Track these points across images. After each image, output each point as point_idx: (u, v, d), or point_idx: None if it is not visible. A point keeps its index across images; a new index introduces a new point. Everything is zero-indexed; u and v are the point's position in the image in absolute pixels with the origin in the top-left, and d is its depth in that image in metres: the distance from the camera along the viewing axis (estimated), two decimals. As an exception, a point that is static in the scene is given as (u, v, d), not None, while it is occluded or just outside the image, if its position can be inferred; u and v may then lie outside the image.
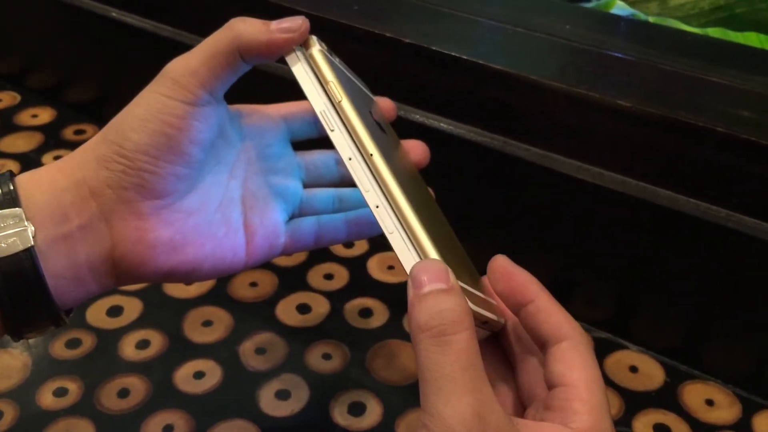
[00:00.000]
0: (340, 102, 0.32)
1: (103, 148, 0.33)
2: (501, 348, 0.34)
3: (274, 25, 0.34)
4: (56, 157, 0.68)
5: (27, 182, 0.33)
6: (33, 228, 0.31)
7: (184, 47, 0.61)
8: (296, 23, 0.34)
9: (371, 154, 0.31)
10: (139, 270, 0.34)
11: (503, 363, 0.34)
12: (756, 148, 0.42)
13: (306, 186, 0.40)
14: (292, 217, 0.39)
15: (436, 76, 0.51)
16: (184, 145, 0.33)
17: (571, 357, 0.30)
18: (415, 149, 0.40)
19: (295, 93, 0.35)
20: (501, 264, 0.33)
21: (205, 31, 0.58)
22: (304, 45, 0.35)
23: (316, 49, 0.34)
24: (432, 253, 0.29)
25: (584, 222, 0.50)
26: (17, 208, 0.31)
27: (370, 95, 0.41)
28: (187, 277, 0.36)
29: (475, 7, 0.56)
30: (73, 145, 0.69)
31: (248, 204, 0.38)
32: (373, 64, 0.52)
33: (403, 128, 0.42)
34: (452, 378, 0.26)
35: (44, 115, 0.74)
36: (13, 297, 0.31)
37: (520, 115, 0.49)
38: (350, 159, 0.32)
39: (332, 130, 0.32)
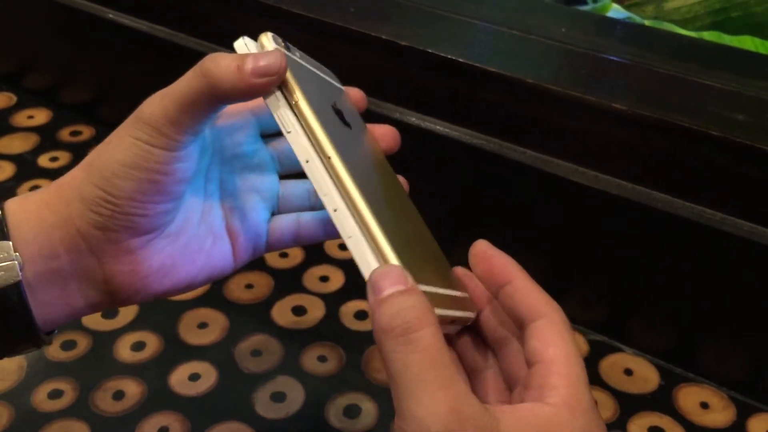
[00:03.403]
0: (296, 103, 0.31)
1: (88, 190, 0.32)
2: (481, 336, 0.34)
3: (250, 65, 0.31)
4: (52, 159, 0.68)
5: (16, 211, 0.33)
6: (21, 262, 0.31)
7: (180, 48, 0.61)
8: (274, 66, 0.31)
9: (329, 157, 0.30)
10: (134, 298, 0.34)
11: (484, 350, 0.34)
12: (751, 152, 0.42)
13: (282, 177, 0.39)
14: (272, 214, 0.39)
15: (432, 79, 0.51)
16: (171, 186, 0.33)
17: (548, 333, 0.30)
18: (385, 135, 0.39)
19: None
20: (481, 248, 0.33)
21: (200, 33, 0.58)
22: (259, 43, 0.33)
23: (272, 46, 0.32)
24: (392, 258, 0.28)
25: (579, 224, 0.50)
26: (6, 242, 0.31)
27: (338, 85, 0.39)
28: (183, 291, 0.36)
29: (471, 10, 0.56)
30: (69, 146, 0.69)
31: (227, 207, 0.37)
32: (369, 66, 0.52)
33: (399, 131, 0.42)
34: (421, 377, 0.26)
35: (40, 116, 0.74)
36: None
37: (516, 118, 0.49)
38: (307, 162, 0.31)
39: (289, 132, 0.31)
